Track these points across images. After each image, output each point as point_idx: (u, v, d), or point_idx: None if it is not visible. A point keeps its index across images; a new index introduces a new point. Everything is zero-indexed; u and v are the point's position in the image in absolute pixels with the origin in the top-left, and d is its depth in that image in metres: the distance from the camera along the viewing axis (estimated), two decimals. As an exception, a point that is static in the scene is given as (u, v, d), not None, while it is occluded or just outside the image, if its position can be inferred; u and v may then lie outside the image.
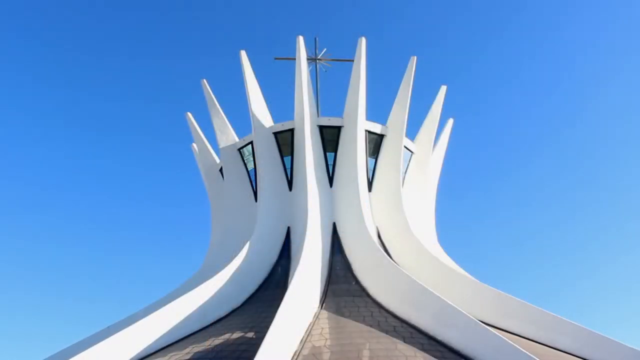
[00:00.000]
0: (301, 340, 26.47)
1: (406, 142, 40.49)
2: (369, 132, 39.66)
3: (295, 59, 39.74)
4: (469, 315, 26.58)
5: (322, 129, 39.61)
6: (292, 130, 39.37)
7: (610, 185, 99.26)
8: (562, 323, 29.48)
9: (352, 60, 40.30)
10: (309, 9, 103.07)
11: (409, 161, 41.05)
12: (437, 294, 28.20)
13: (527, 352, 23.36)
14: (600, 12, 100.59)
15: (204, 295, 31.07)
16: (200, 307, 30.67)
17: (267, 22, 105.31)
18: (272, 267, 35.71)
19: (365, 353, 25.44)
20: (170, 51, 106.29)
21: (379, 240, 36.45)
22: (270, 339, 23.20)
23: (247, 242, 34.87)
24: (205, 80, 42.80)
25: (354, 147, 38.42)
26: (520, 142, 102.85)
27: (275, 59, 44.34)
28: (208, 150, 44.39)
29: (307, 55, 41.34)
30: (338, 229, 36.81)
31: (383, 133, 40.22)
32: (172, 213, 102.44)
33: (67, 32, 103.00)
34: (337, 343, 26.51)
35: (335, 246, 35.91)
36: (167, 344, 28.52)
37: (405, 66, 41.04)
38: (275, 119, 40.92)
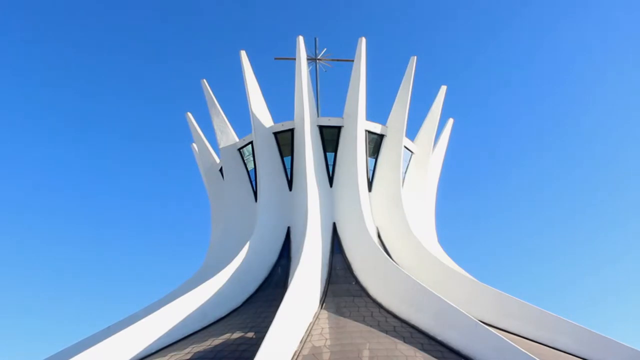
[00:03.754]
0: (301, 340, 26.48)
1: (406, 142, 40.48)
2: (369, 132, 39.66)
3: (295, 59, 39.77)
4: (469, 315, 26.58)
5: (322, 129, 39.61)
6: (292, 130, 39.36)
7: (611, 185, 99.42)
8: (562, 323, 29.48)
9: (352, 60, 40.31)
10: (309, 9, 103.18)
11: (409, 161, 41.04)
12: (437, 294, 28.20)
13: (527, 352, 23.37)
14: (601, 13, 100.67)
15: (204, 295, 31.06)
16: (200, 307, 30.66)
17: (267, 22, 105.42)
18: (272, 267, 35.70)
19: (365, 353, 25.43)
20: (170, 51, 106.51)
21: (379, 240, 36.45)
22: (270, 339, 23.20)
23: (247, 242, 34.86)
24: (205, 80, 42.86)
25: (354, 147, 38.41)
26: (520, 142, 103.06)
27: (275, 59, 44.46)
28: (208, 150, 44.38)
29: (307, 55, 41.35)
30: (338, 229, 36.80)
31: (383, 133, 40.21)
32: (172, 213, 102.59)
33: (68, 32, 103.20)
34: (337, 343, 26.50)
35: (335, 246, 35.90)
36: (167, 344, 28.53)
37: (405, 66, 41.12)
38: (275, 119, 40.98)
